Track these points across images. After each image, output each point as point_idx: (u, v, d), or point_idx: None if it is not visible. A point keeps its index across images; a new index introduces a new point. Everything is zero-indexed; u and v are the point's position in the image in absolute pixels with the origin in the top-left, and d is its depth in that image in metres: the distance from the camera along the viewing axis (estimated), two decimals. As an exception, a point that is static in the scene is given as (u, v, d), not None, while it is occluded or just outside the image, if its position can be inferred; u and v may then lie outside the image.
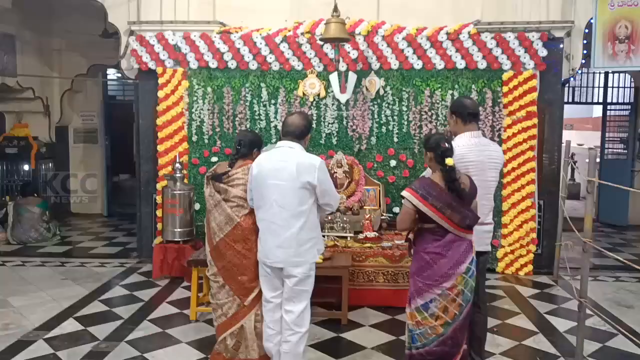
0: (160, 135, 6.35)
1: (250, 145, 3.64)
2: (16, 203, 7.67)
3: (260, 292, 3.55)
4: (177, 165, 5.96)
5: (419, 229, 3.22)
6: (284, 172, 3.27)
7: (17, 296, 5.30)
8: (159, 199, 6.30)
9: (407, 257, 3.56)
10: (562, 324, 4.72)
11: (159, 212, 6.32)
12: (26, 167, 8.67)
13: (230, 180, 3.55)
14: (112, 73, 10.18)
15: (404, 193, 3.16)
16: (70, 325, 4.58)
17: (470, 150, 3.42)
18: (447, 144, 3.14)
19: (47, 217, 7.78)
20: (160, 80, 6.32)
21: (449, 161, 3.08)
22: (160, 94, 6.31)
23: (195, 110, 6.35)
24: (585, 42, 6.12)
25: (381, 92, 6.17)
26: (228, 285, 3.59)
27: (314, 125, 6.22)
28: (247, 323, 3.59)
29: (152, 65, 6.31)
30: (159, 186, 6.35)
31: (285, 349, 3.41)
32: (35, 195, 7.99)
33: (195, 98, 6.34)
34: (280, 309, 3.45)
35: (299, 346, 3.41)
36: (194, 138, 6.35)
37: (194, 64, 6.28)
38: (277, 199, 3.29)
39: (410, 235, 3.33)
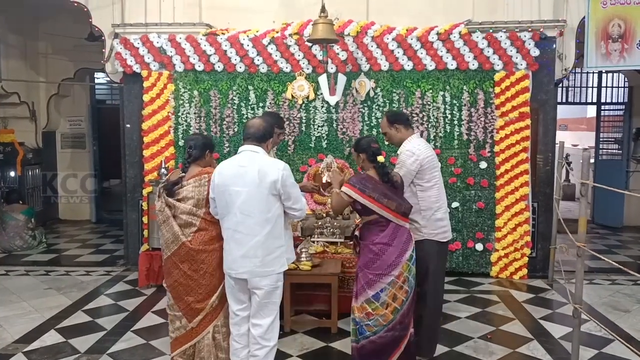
0: (146, 139, 6.21)
1: (202, 148, 3.52)
2: (1, 210, 7.52)
3: (209, 314, 3.45)
4: (163, 170, 5.82)
5: (364, 224, 3.52)
6: (245, 178, 3.16)
7: (-2, 307, 5.16)
8: (145, 205, 6.16)
9: (354, 254, 3.85)
10: (557, 330, 4.62)
11: (145, 219, 6.18)
12: (12, 174, 8.50)
13: (178, 194, 3.42)
14: (100, 77, 10.04)
15: (343, 188, 3.45)
16: (51, 338, 4.45)
17: (427, 147, 3.86)
18: (376, 144, 3.54)
19: (33, 225, 7.63)
20: (146, 84, 6.19)
21: (380, 158, 3.48)
22: (146, 97, 6.19)
23: (182, 114, 6.22)
24: (578, 41, 6.03)
25: (371, 93, 6.06)
26: (176, 304, 3.50)
27: (303, 129, 6.12)
28: (205, 337, 3.48)
29: (137, 68, 6.18)
30: (145, 192, 6.21)
31: None
32: (21, 202, 7.83)
33: (181, 101, 6.21)
34: (247, 322, 3.34)
35: None
36: (181, 142, 6.21)
37: (179, 67, 6.15)
38: (240, 206, 3.17)
39: (357, 232, 3.59)
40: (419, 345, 3.77)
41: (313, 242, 5.09)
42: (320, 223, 5.28)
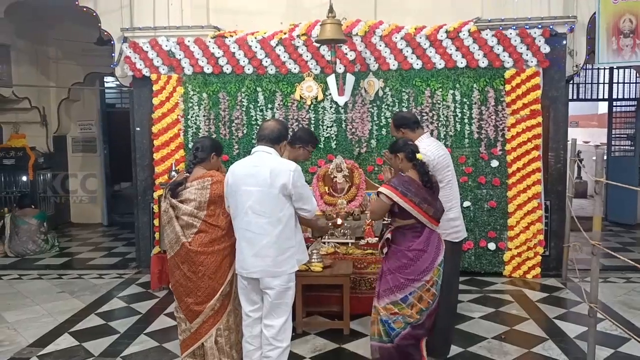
0: (156, 143, 6.24)
1: (208, 150, 3.54)
2: (13, 215, 7.57)
3: (211, 317, 3.46)
4: (173, 173, 5.83)
5: (397, 228, 3.39)
6: (258, 178, 3.18)
7: (12, 311, 5.19)
8: (156, 208, 6.18)
9: (379, 254, 3.60)
10: (572, 329, 4.56)
11: (156, 222, 6.20)
12: (24, 178, 8.57)
13: (181, 195, 3.45)
14: (110, 81, 10.10)
15: (383, 189, 3.33)
16: (65, 341, 4.46)
17: (438, 146, 3.83)
18: (412, 142, 3.48)
19: (45, 229, 7.68)
20: (155, 87, 6.22)
21: (419, 156, 3.39)
22: (155, 101, 6.22)
23: (191, 116, 6.24)
24: (589, 37, 5.96)
25: (380, 93, 6.04)
26: (179, 305, 3.54)
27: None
28: (209, 340, 3.48)
29: (146, 72, 6.21)
30: (156, 195, 6.24)
31: None
32: (33, 206, 7.88)
33: (190, 104, 6.23)
34: (259, 323, 3.33)
35: None
36: (191, 145, 6.21)
37: (188, 70, 6.17)
38: (252, 206, 3.18)
39: (388, 235, 3.44)
40: (433, 346, 3.73)
41: (324, 243, 5.08)
42: (330, 224, 5.26)
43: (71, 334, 4.60)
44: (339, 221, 5.02)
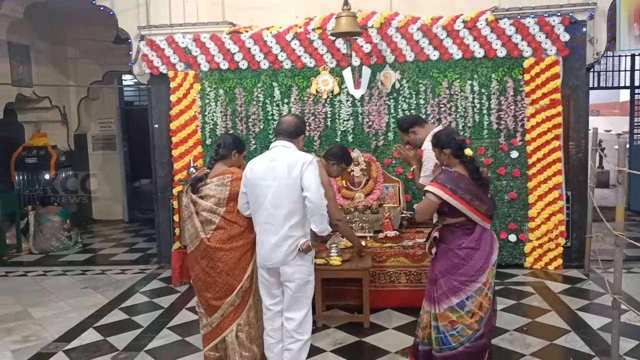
0: (175, 139, 6.30)
1: (230, 147, 3.57)
2: (37, 212, 7.71)
3: (232, 312, 3.48)
4: (192, 169, 5.88)
5: (445, 226, 3.20)
6: (275, 172, 3.21)
7: (38, 307, 5.30)
8: (175, 203, 6.24)
9: (429, 256, 3.40)
10: (595, 321, 4.50)
11: (176, 217, 6.27)
12: (46, 176, 8.71)
13: (201, 191, 3.49)
14: (128, 79, 10.19)
15: (430, 188, 3.13)
16: (89, 336, 4.55)
17: None
18: (460, 135, 3.26)
19: (68, 225, 7.82)
20: (172, 84, 6.27)
21: (468, 152, 3.14)
22: (173, 98, 6.27)
23: (208, 113, 6.28)
24: (609, 24, 5.84)
25: (397, 85, 6.00)
26: (198, 300, 3.58)
27: (328, 124, 6.11)
28: (229, 335, 3.51)
29: (163, 69, 6.26)
30: (175, 191, 6.30)
31: (287, 357, 3.33)
32: (56, 204, 8.02)
33: (207, 100, 6.27)
34: (280, 316, 3.37)
35: (300, 354, 3.33)
36: (208, 141, 6.27)
37: (205, 66, 6.20)
38: (271, 199, 3.21)
39: (436, 234, 3.26)
40: None
41: (342, 237, 5.07)
42: (348, 218, 5.26)
43: (96, 329, 4.69)
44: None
